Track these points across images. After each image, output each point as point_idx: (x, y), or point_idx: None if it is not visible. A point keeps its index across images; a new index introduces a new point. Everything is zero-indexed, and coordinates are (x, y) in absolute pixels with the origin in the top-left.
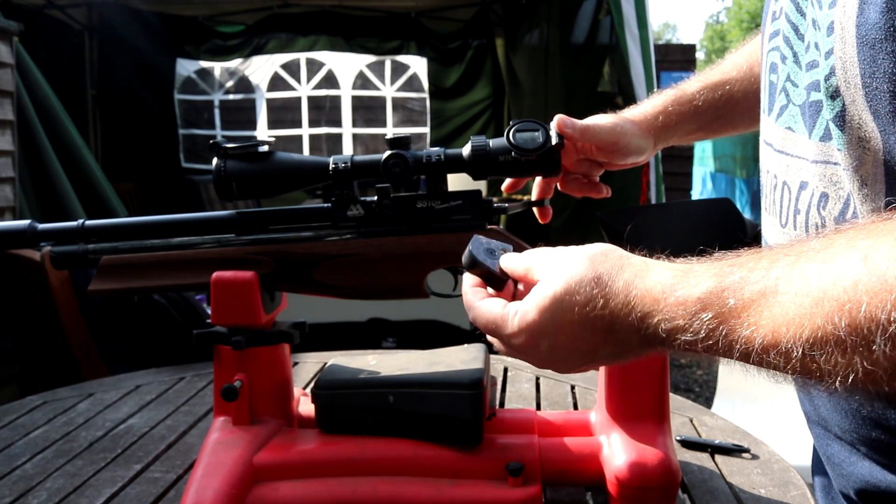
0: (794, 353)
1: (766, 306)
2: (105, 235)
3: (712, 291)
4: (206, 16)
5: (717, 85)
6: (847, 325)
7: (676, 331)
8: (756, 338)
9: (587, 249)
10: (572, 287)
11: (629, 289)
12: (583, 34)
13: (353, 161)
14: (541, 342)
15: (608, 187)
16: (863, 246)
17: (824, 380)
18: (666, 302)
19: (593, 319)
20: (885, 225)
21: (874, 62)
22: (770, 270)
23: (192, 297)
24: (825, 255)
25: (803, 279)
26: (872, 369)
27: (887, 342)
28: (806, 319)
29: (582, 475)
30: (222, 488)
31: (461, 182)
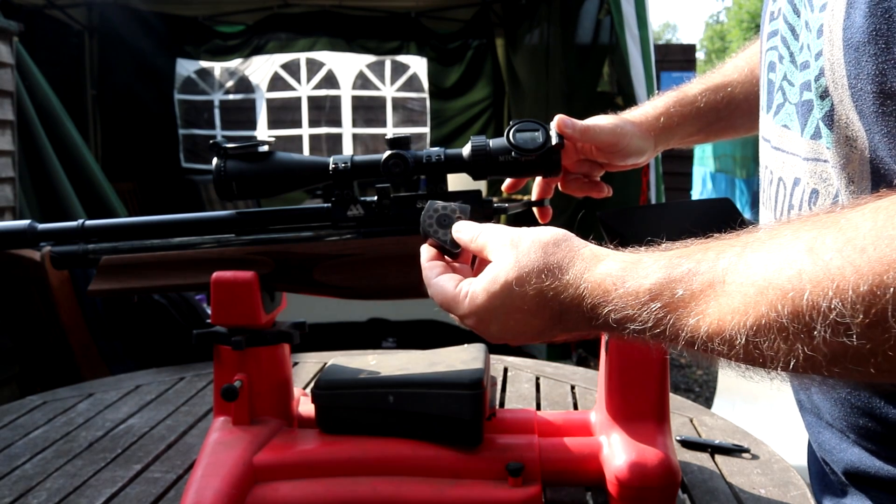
0: (737, 340)
1: (713, 296)
2: (105, 235)
3: (661, 282)
4: (206, 16)
5: (719, 87)
6: (790, 312)
7: (626, 320)
8: (702, 326)
9: (541, 236)
10: (523, 276)
11: (579, 281)
12: (587, 34)
13: (353, 161)
14: (490, 325)
15: (609, 187)
16: (807, 237)
17: (766, 366)
18: (616, 293)
19: (542, 308)
20: (829, 217)
21: (858, 64)
22: (717, 261)
23: (192, 297)
24: (771, 246)
25: (749, 269)
26: (813, 355)
27: (827, 329)
28: (750, 307)
29: (582, 475)
30: (222, 488)
31: (461, 182)
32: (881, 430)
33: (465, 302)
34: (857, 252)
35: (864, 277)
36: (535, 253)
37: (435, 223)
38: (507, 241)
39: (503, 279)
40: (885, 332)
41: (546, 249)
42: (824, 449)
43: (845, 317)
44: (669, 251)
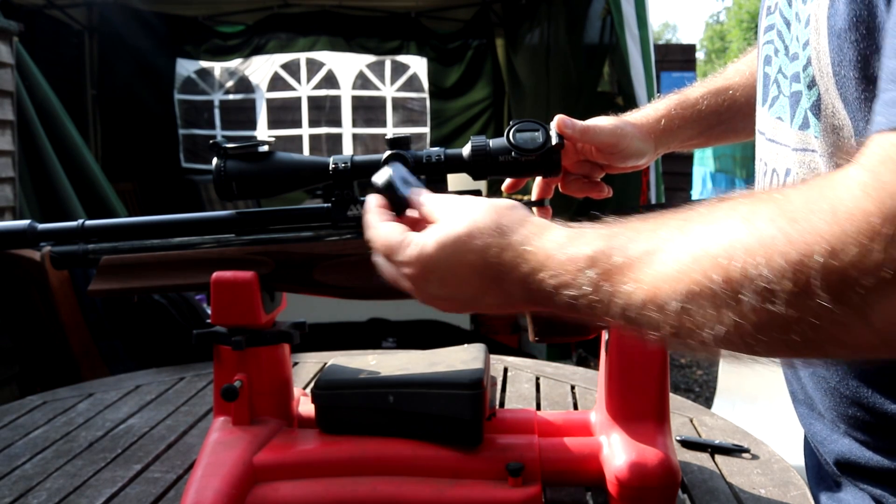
0: (670, 306)
1: (649, 264)
2: (105, 235)
3: (601, 250)
4: (206, 16)
5: (721, 90)
6: (721, 279)
7: (562, 286)
8: (636, 293)
9: (495, 201)
10: (474, 231)
11: (524, 243)
12: (588, 34)
13: (353, 161)
14: (431, 276)
15: (609, 187)
16: (744, 210)
17: (695, 333)
18: (556, 258)
19: (485, 267)
20: (767, 193)
21: (841, 51)
22: (656, 232)
23: (192, 297)
24: (709, 218)
25: (686, 239)
26: (740, 322)
27: (756, 296)
28: (684, 275)
29: (582, 475)
30: (222, 488)
31: (461, 182)
32: (870, 420)
33: (412, 249)
34: (788, 222)
35: (795, 246)
36: (488, 213)
37: (399, 179)
38: (461, 202)
39: (455, 231)
40: (810, 299)
41: (499, 212)
42: (816, 440)
43: (773, 284)
44: (611, 224)
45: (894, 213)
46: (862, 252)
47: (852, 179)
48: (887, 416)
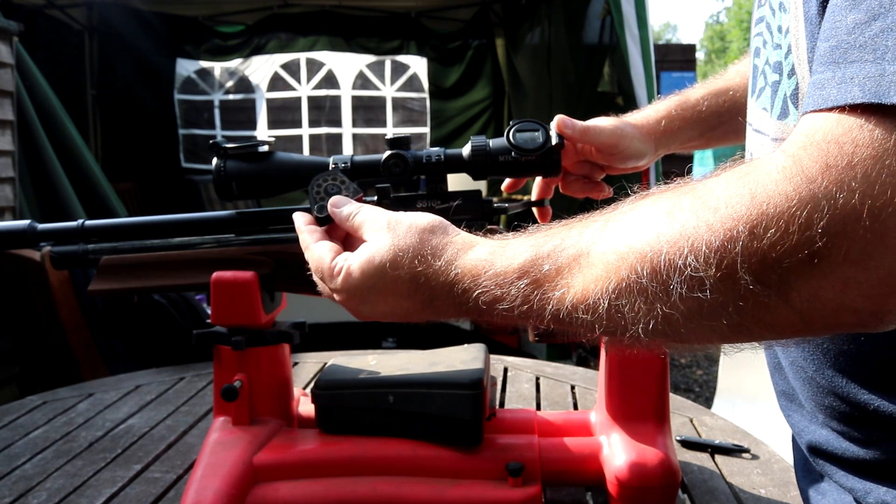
0: (601, 305)
1: (577, 268)
2: (105, 235)
3: (528, 261)
4: (206, 16)
5: (721, 91)
6: (649, 272)
7: (495, 301)
8: (567, 297)
9: (417, 221)
10: (397, 260)
11: (451, 267)
12: (588, 34)
13: (353, 161)
14: (361, 304)
15: (610, 187)
16: (666, 203)
17: (628, 328)
18: (485, 276)
19: (414, 292)
20: (688, 185)
21: (813, 37)
22: (581, 236)
23: (192, 297)
24: (631, 215)
25: (610, 238)
26: (671, 313)
27: (683, 284)
28: (612, 273)
29: (582, 475)
30: (222, 488)
31: (461, 182)
32: (846, 410)
33: (339, 278)
34: (710, 211)
35: (717, 233)
36: (411, 237)
37: (323, 190)
38: (384, 224)
39: (378, 260)
40: (735, 283)
41: (422, 235)
42: (796, 430)
43: (699, 271)
44: (536, 233)
45: (810, 197)
46: (780, 235)
47: (773, 164)
48: (861, 405)
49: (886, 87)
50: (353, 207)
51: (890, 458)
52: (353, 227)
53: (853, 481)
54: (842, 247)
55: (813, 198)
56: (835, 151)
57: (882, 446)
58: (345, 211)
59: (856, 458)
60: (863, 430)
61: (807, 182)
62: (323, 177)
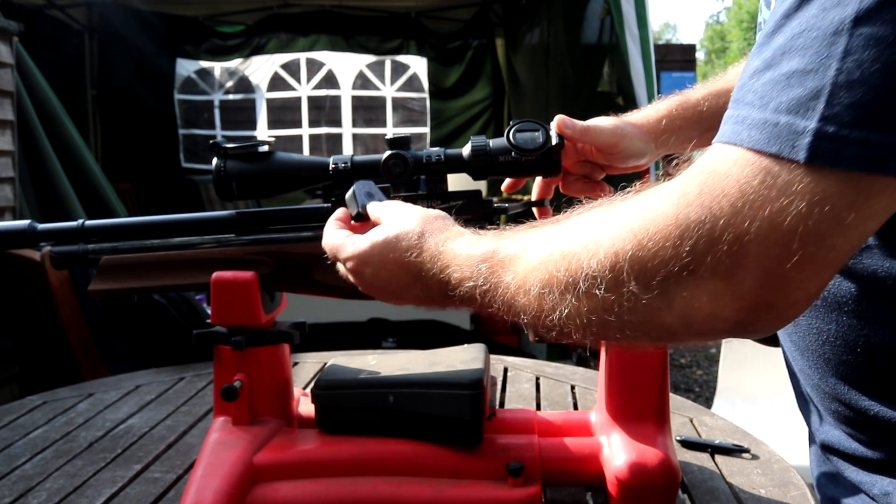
0: (532, 292)
1: (521, 259)
2: (105, 235)
3: (492, 249)
4: (206, 16)
5: (722, 92)
6: (564, 269)
7: (464, 279)
8: (513, 282)
9: (426, 211)
10: (400, 234)
11: (439, 247)
12: (588, 34)
13: (353, 161)
14: (366, 269)
15: (610, 187)
16: (592, 214)
17: (549, 316)
18: (460, 258)
19: (408, 264)
20: (608, 201)
21: None
22: (529, 234)
23: (192, 297)
24: (567, 222)
25: (547, 239)
26: (577, 304)
27: (586, 283)
28: (542, 266)
29: (582, 475)
30: (222, 488)
31: (461, 182)
32: (850, 415)
33: (349, 247)
34: (613, 222)
35: (613, 241)
36: (415, 220)
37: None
38: (399, 210)
39: (384, 234)
40: (622, 284)
41: (426, 220)
42: (811, 429)
43: (597, 273)
44: (504, 229)
45: (685, 221)
46: (658, 248)
47: (669, 186)
48: (862, 411)
49: (767, 135)
50: (382, 203)
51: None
52: (376, 216)
53: (861, 475)
54: (707, 264)
55: (686, 219)
56: (712, 181)
57: (885, 448)
58: (375, 206)
59: (863, 456)
60: (866, 432)
61: (685, 205)
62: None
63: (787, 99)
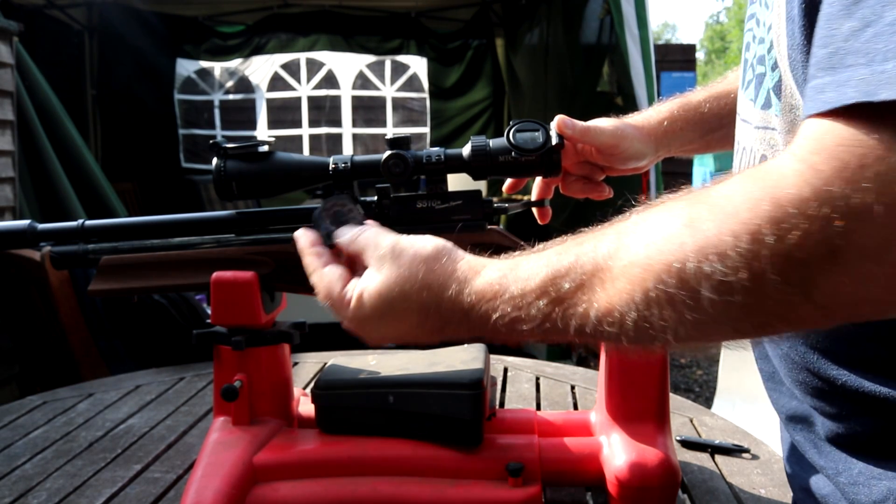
0: (628, 317)
1: (598, 283)
2: (105, 235)
3: (546, 280)
4: (206, 16)
5: (722, 94)
6: (676, 282)
7: (514, 323)
8: (591, 312)
9: (420, 249)
10: (406, 291)
11: (462, 296)
12: (587, 34)
13: (353, 161)
14: (372, 333)
15: (610, 188)
16: (681, 213)
17: (656, 337)
18: (501, 300)
19: (425, 321)
20: (700, 193)
21: (793, 36)
22: (597, 251)
23: (192, 297)
24: (647, 227)
25: (629, 251)
26: (700, 318)
27: (713, 291)
28: (637, 285)
29: (582, 475)
30: (222, 488)
31: (461, 182)
32: (818, 385)
33: (351, 308)
34: (730, 218)
35: (742, 238)
36: (417, 268)
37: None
38: (388, 251)
39: (386, 293)
40: (763, 284)
41: (428, 264)
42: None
43: (728, 276)
44: (546, 250)
45: (827, 198)
46: (802, 235)
47: (788, 168)
48: (831, 380)
49: (876, 86)
50: (354, 232)
51: (859, 432)
52: (356, 252)
53: (825, 460)
54: (859, 243)
55: (830, 198)
56: (845, 154)
57: (853, 420)
58: (344, 239)
59: (830, 431)
60: (833, 404)
61: (823, 184)
62: (334, 201)
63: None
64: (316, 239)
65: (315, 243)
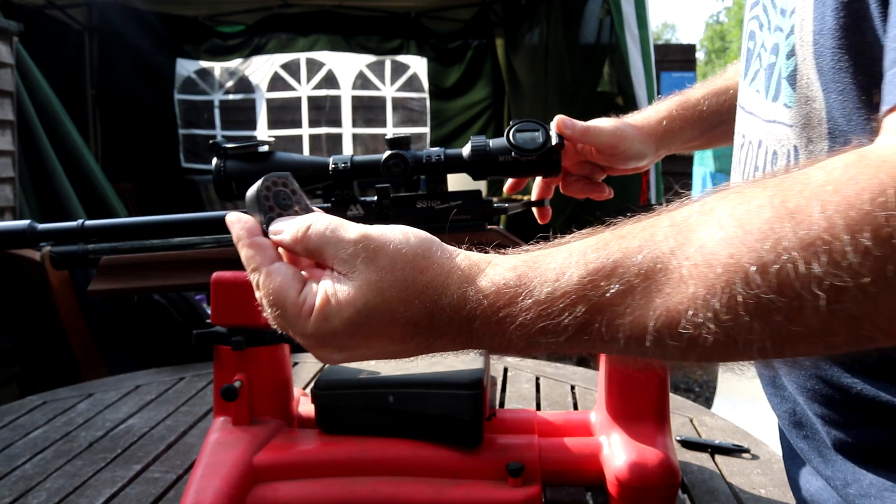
0: (702, 330)
1: (654, 286)
2: (105, 235)
3: (586, 281)
4: (206, 16)
5: (722, 91)
6: (775, 286)
7: (539, 334)
8: (648, 322)
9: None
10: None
11: (465, 302)
12: (588, 34)
13: (352, 161)
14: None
15: (611, 188)
16: (772, 201)
17: (739, 353)
18: (521, 304)
19: (410, 336)
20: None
21: (823, 19)
22: (653, 246)
23: (192, 297)
24: (721, 218)
25: (701, 248)
26: (798, 330)
27: (821, 297)
28: (716, 290)
29: (582, 475)
30: (222, 488)
31: (461, 182)
32: (828, 393)
33: (312, 321)
34: (843, 207)
35: (862, 232)
36: (402, 268)
37: (272, 196)
38: (359, 249)
39: (362, 304)
40: (889, 289)
41: (415, 265)
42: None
43: (844, 280)
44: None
45: None
46: None
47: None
48: (844, 388)
49: None
50: (298, 225)
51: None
52: (313, 250)
53: (831, 469)
54: None
55: None
56: None
57: (864, 429)
58: (287, 234)
59: (837, 440)
60: (844, 413)
61: None
62: (273, 179)
63: None
64: (255, 227)
65: (254, 232)
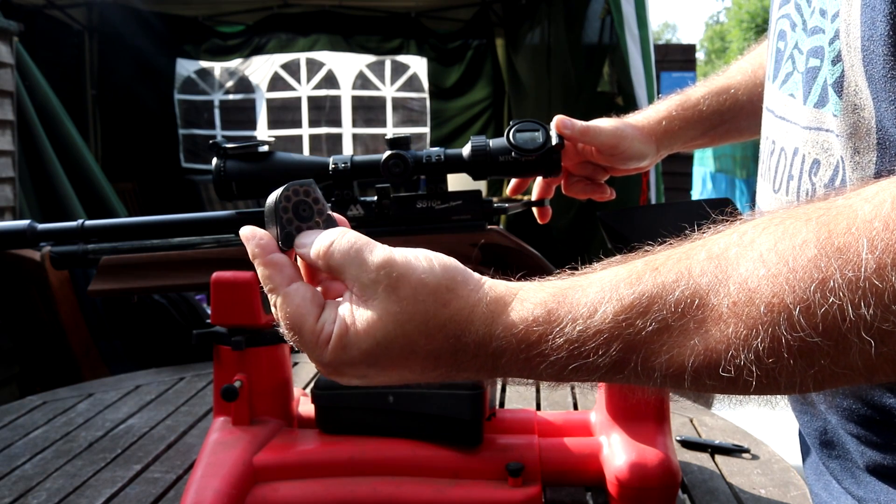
0: (742, 369)
1: (694, 325)
2: (105, 235)
3: (619, 319)
4: (206, 16)
5: (722, 90)
6: (822, 329)
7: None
8: (686, 361)
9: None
10: (410, 336)
11: (490, 339)
12: (588, 34)
13: (352, 161)
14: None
15: (612, 189)
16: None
17: (780, 389)
18: (550, 344)
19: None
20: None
21: (873, 24)
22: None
23: (192, 297)
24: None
25: (740, 285)
26: (841, 372)
27: (869, 341)
28: (758, 330)
29: (582, 475)
30: (222, 488)
31: (461, 182)
32: (866, 413)
33: (330, 349)
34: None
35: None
36: (424, 301)
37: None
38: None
39: (382, 337)
40: None
41: (437, 297)
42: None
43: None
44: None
45: None
46: None
47: None
48: (884, 409)
49: None
50: (322, 241)
51: None
52: (330, 269)
53: (863, 490)
54: None
55: None
56: None
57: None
58: (310, 249)
59: (871, 461)
60: (881, 434)
61: None
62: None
63: None
64: (270, 243)
65: (269, 249)
